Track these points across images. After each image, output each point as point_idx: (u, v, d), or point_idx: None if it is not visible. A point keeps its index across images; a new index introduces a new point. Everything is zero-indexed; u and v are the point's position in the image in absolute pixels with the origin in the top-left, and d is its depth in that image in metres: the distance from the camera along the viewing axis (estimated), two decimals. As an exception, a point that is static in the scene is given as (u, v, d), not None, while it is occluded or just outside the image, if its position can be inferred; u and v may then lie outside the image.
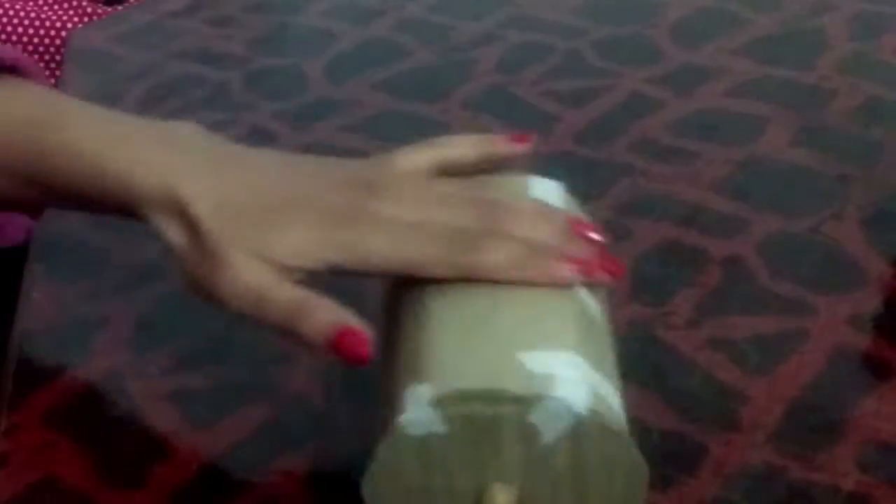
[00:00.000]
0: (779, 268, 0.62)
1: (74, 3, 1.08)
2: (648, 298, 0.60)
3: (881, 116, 0.76)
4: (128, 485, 0.51)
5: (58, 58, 1.05)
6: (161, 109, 0.81)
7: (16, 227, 0.86)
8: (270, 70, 0.86)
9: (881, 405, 0.53)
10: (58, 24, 1.05)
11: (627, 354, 0.56)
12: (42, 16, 1.06)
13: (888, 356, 0.56)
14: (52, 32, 1.05)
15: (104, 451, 0.53)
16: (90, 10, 1.08)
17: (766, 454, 0.51)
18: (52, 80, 1.06)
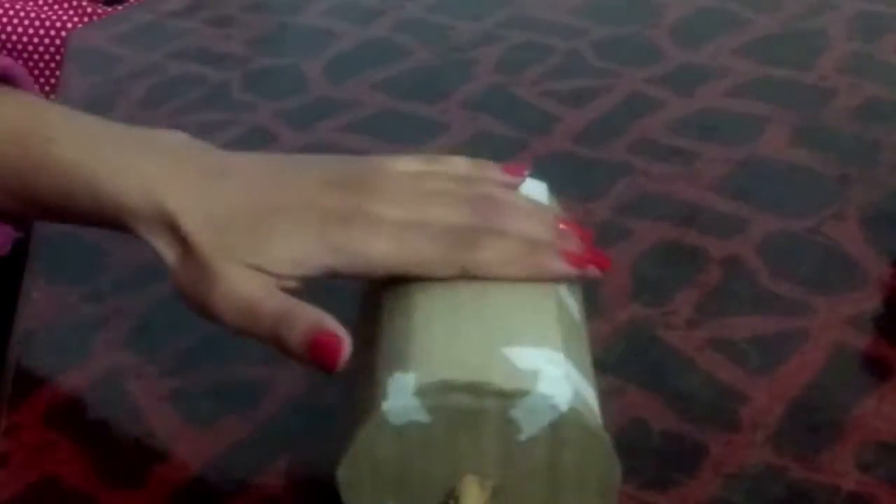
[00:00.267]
0: (779, 268, 0.62)
1: (74, 3, 1.08)
2: (648, 298, 0.60)
3: (881, 116, 0.75)
4: (128, 485, 0.51)
5: (58, 58, 1.05)
6: (161, 109, 0.81)
7: (3, 235, 0.85)
8: (270, 70, 0.86)
9: (881, 405, 0.53)
10: (58, 24, 1.05)
11: (627, 354, 0.56)
12: (42, 16, 1.06)
13: (888, 356, 0.56)
14: (52, 32, 1.05)
15: (104, 451, 0.53)
16: (90, 10, 1.08)
17: (766, 454, 0.51)
18: (52, 81, 1.06)
